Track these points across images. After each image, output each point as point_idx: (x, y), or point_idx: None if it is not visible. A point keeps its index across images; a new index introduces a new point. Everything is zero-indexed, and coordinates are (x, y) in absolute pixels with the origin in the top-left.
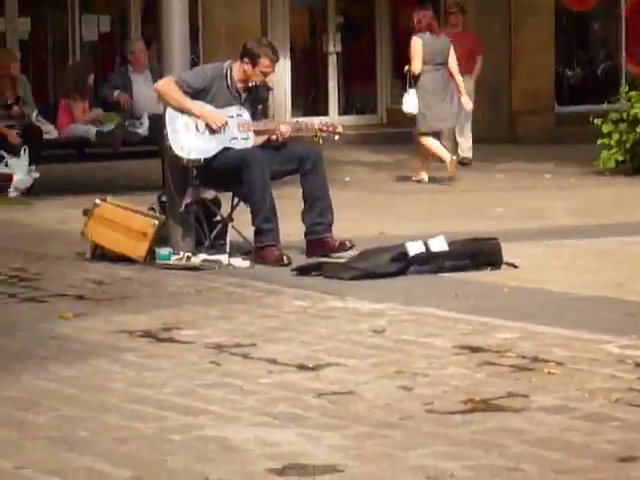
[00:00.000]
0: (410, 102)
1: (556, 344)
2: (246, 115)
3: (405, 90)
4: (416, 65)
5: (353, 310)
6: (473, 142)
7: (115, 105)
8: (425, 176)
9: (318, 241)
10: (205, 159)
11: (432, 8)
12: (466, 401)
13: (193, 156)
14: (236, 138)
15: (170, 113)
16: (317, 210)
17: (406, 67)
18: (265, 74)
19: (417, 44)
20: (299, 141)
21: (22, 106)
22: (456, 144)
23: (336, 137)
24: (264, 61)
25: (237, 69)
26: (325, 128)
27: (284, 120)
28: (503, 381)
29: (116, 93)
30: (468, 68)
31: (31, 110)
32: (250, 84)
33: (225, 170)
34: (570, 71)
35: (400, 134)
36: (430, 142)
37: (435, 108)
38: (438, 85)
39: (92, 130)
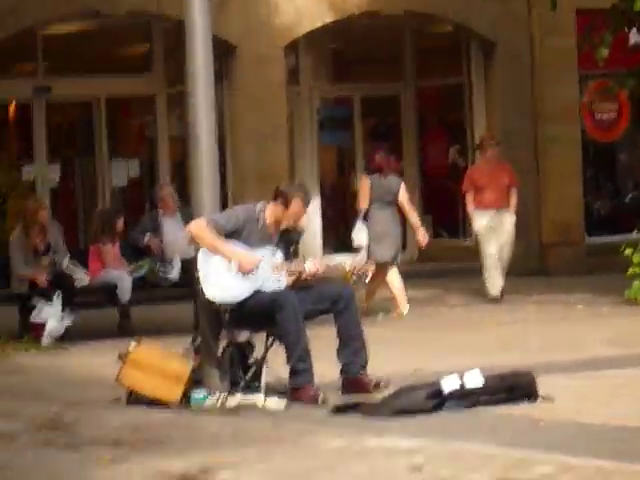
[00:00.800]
0: (358, 235)
1: (597, 476)
2: (279, 256)
3: (354, 225)
4: (361, 202)
5: (391, 448)
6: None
7: (146, 249)
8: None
9: (354, 380)
10: (238, 302)
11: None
12: None
13: (226, 299)
14: (268, 279)
15: (202, 255)
16: (352, 349)
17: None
18: (297, 217)
19: (364, 184)
20: (331, 280)
21: (53, 254)
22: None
23: (367, 278)
24: (296, 204)
25: (270, 211)
26: (356, 270)
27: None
28: None
29: (147, 237)
30: (505, 202)
31: (62, 257)
32: (282, 227)
33: (258, 312)
34: (599, 201)
35: (432, 271)
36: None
37: (380, 242)
38: (386, 221)
39: (124, 276)
